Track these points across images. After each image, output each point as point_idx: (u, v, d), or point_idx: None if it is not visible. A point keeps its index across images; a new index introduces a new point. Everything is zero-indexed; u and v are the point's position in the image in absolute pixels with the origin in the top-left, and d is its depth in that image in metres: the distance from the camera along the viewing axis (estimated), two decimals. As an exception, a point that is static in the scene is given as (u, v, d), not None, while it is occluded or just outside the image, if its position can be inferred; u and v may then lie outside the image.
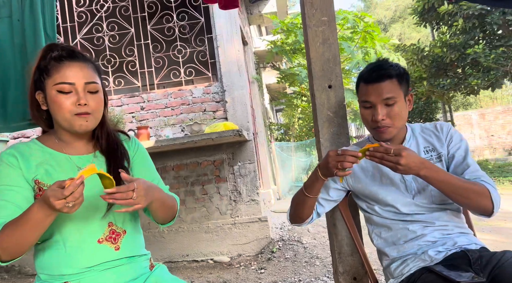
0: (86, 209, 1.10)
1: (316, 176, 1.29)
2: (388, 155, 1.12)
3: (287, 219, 1.50)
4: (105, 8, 4.07)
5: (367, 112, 1.30)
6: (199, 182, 4.03)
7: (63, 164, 1.14)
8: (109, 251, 1.13)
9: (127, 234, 1.17)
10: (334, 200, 1.43)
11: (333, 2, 1.63)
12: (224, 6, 1.79)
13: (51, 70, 1.08)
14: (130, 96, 4.14)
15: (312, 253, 3.49)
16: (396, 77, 1.27)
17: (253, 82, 6.18)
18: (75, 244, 1.10)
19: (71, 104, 1.07)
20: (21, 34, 1.63)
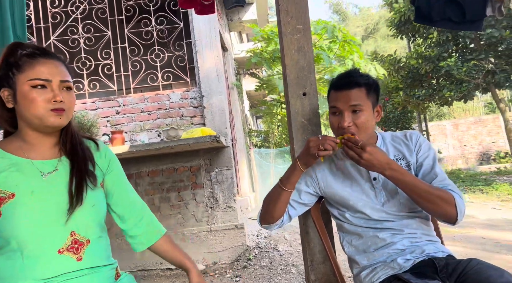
0: (46, 216, 1.04)
1: (294, 166, 1.33)
2: (355, 147, 1.19)
3: (257, 222, 1.49)
4: (81, 10, 3.98)
5: (335, 118, 1.34)
6: (175, 188, 3.97)
7: (25, 169, 1.08)
8: (70, 261, 1.06)
9: (91, 244, 1.10)
10: (305, 203, 1.43)
11: (308, 10, 1.65)
12: (200, 11, 1.78)
13: (24, 65, 1.05)
14: (105, 100, 4.06)
15: (288, 260, 3.48)
16: (365, 86, 1.31)
17: (233, 89, 6.17)
18: (33, 254, 1.02)
19: (46, 100, 1.05)
20: None
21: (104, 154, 1.23)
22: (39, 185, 1.06)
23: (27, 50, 1.08)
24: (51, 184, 1.08)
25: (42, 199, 1.05)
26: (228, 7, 1.74)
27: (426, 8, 1.67)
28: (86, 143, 1.22)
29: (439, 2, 1.63)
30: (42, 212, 1.04)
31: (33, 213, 1.03)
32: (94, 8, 4.03)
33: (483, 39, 8.91)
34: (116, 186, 1.23)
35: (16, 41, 1.59)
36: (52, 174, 1.10)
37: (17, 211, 1.02)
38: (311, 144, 1.26)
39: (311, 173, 1.42)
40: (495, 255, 3.47)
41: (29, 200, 1.03)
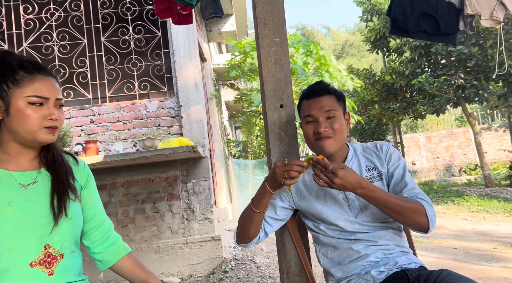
0: (22, 227, 1.03)
1: (264, 189, 1.30)
2: (326, 172, 1.17)
3: (233, 240, 1.47)
4: (56, 17, 3.90)
5: (309, 127, 1.36)
6: (150, 199, 3.89)
7: (3, 180, 1.07)
8: (41, 276, 1.04)
9: (64, 258, 1.08)
10: (281, 219, 1.43)
11: (285, 24, 1.67)
12: (177, 21, 1.78)
13: (22, 81, 1.05)
14: (80, 109, 3.96)
15: (264, 272, 3.45)
16: (334, 94, 1.37)
17: (211, 99, 6.16)
18: (4, 267, 1.00)
19: (41, 117, 1.06)
20: None
21: (83, 169, 1.25)
22: (18, 196, 1.06)
23: (26, 63, 1.08)
24: (30, 196, 1.08)
25: (20, 210, 1.04)
26: (206, 17, 1.75)
27: (402, 20, 1.73)
28: (65, 158, 1.22)
29: (414, 14, 1.69)
30: (19, 223, 1.03)
31: (9, 223, 1.02)
32: (69, 15, 3.95)
33: (453, 56, 9.29)
34: (89, 202, 1.23)
35: None
36: (31, 186, 1.09)
37: None
38: (277, 170, 1.22)
39: (285, 187, 1.42)
40: (466, 265, 3.56)
41: (6, 211, 1.03)
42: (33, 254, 1.03)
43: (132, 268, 1.25)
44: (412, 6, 1.69)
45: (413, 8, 1.69)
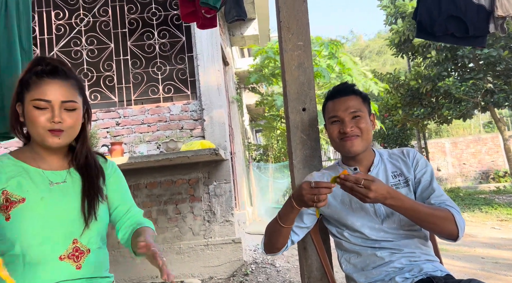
0: (52, 222, 1.08)
1: (291, 206, 1.25)
2: (358, 187, 1.12)
3: (261, 250, 1.47)
4: (85, 22, 4.04)
5: (335, 126, 1.34)
6: (172, 201, 3.94)
7: (35, 178, 1.13)
8: (70, 269, 1.09)
9: (91, 253, 1.13)
10: (307, 226, 1.42)
11: (309, 27, 1.67)
12: (202, 25, 1.81)
13: (31, 85, 1.10)
14: (106, 111, 4.07)
15: (285, 277, 3.43)
16: (360, 95, 1.36)
17: (233, 102, 6.20)
18: (35, 259, 1.06)
19: (45, 120, 1.08)
20: None
21: (111, 166, 1.29)
22: (48, 193, 1.11)
23: (39, 67, 1.12)
24: (59, 194, 1.12)
25: (50, 206, 1.09)
26: (229, 20, 1.77)
27: (428, 23, 1.68)
28: (96, 158, 1.26)
29: (441, 18, 1.65)
30: (49, 218, 1.08)
31: (41, 218, 1.07)
32: (98, 20, 4.08)
33: (481, 59, 9.01)
34: (116, 191, 1.26)
35: (23, 55, 1.61)
36: (60, 184, 1.14)
37: (26, 215, 1.07)
38: (304, 192, 1.17)
39: None
40: (495, 275, 3.43)
41: (38, 206, 1.08)
42: (62, 248, 1.08)
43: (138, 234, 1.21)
44: (439, 8, 1.65)
45: (440, 10, 1.65)
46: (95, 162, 1.21)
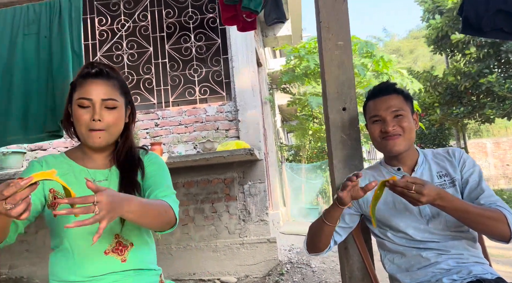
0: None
1: (334, 204, 1.28)
2: (409, 192, 1.10)
3: (304, 249, 1.48)
4: (126, 27, 4.21)
5: (376, 126, 1.33)
6: (208, 199, 4.03)
7: (80, 176, 1.18)
8: (115, 262, 1.14)
9: (134, 247, 1.18)
10: (350, 226, 1.42)
11: (349, 27, 1.67)
12: (242, 28, 1.85)
13: (77, 86, 1.17)
14: (146, 113, 4.22)
15: (321, 277, 3.42)
16: (402, 93, 1.34)
17: (266, 103, 6.24)
18: (83, 254, 1.12)
19: (88, 119, 1.13)
20: (47, 50, 1.71)
21: (150, 155, 1.30)
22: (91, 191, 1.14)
23: (85, 70, 1.18)
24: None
25: None
26: (269, 23, 1.80)
27: (474, 19, 1.62)
28: (138, 153, 1.29)
29: (489, 12, 1.58)
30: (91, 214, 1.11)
31: (84, 216, 1.10)
32: (137, 25, 4.24)
33: (527, 54, 8.53)
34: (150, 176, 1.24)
35: (75, 58, 1.72)
36: (101, 182, 1.19)
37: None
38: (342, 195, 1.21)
39: None
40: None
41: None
42: (105, 243, 1.14)
43: None
44: (486, 3, 1.59)
45: (488, 5, 1.58)
46: (134, 158, 1.24)
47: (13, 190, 0.83)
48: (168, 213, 1.12)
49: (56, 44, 1.70)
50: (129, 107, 1.26)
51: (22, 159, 3.77)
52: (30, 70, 1.81)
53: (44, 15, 1.69)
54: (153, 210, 1.07)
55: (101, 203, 0.87)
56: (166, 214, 1.11)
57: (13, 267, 3.98)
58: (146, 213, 1.04)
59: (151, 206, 1.07)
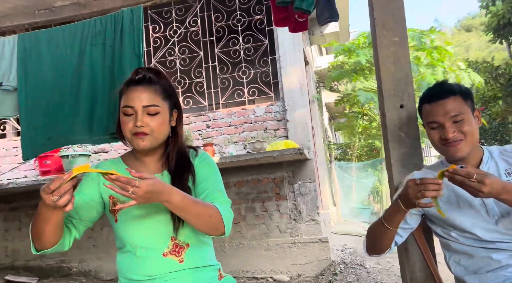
0: (151, 224, 1.19)
1: (397, 207, 1.23)
2: (470, 181, 1.06)
3: (364, 251, 1.45)
4: (178, 34, 4.39)
5: (435, 132, 1.28)
6: (259, 199, 4.09)
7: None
8: (173, 263, 1.19)
9: (190, 247, 1.21)
10: (411, 227, 1.38)
11: (405, 22, 1.63)
12: (294, 29, 1.87)
13: (123, 93, 1.21)
14: (197, 115, 4.38)
15: (376, 278, 3.34)
16: (460, 93, 1.26)
17: (313, 102, 6.18)
18: (143, 256, 1.19)
19: (131, 125, 1.17)
20: (111, 58, 1.85)
21: (201, 156, 1.30)
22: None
23: (131, 76, 1.22)
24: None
25: (147, 209, 1.19)
26: (322, 23, 1.80)
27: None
28: (188, 154, 1.30)
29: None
30: (147, 220, 1.19)
31: (141, 220, 1.19)
32: (188, 31, 4.41)
33: None
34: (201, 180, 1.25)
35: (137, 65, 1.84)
36: None
37: (128, 218, 1.19)
38: (409, 190, 1.15)
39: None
40: None
41: (137, 209, 1.18)
42: (163, 246, 1.19)
43: None
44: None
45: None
46: (185, 163, 1.24)
47: (58, 184, 0.95)
48: (214, 217, 1.13)
49: (119, 52, 1.84)
50: (175, 111, 1.27)
51: (87, 161, 4.08)
52: (96, 77, 1.97)
53: (109, 27, 1.83)
54: (196, 209, 1.10)
55: (140, 189, 0.98)
56: (211, 218, 1.12)
57: (82, 261, 4.32)
58: (186, 209, 1.08)
59: (194, 205, 1.10)
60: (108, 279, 4.15)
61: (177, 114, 1.27)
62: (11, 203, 4.56)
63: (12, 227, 4.55)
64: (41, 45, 2.05)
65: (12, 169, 4.41)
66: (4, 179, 4.31)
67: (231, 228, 1.19)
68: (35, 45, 2.02)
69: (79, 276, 4.19)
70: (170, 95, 1.24)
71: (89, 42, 1.98)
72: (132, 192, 0.98)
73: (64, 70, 2.03)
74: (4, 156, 4.61)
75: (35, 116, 2.10)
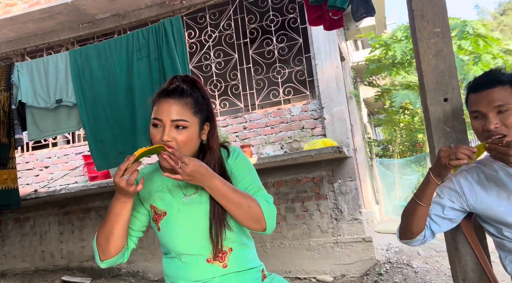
0: (192, 231, 1.20)
1: (428, 179, 1.24)
2: (500, 146, 1.07)
3: (396, 237, 1.43)
4: (212, 38, 4.47)
5: (478, 122, 1.23)
6: (298, 198, 4.06)
7: (173, 191, 1.24)
8: (217, 269, 1.19)
9: (233, 251, 1.21)
10: (449, 218, 1.32)
11: (447, 12, 1.56)
12: (329, 27, 1.84)
13: (154, 104, 1.20)
14: (234, 117, 4.43)
15: (424, 278, 3.21)
16: (509, 83, 1.19)
17: (351, 98, 6.06)
18: (188, 261, 1.20)
19: (158, 138, 1.15)
20: (158, 71, 1.91)
21: (233, 155, 1.29)
22: (183, 205, 1.22)
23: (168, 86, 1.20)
24: (191, 205, 1.22)
25: (187, 218, 1.20)
26: (357, 19, 1.76)
27: None
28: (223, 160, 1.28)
29: None
30: (188, 228, 1.20)
31: (182, 228, 1.20)
32: (223, 34, 4.48)
33: None
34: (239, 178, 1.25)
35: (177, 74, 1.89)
36: (192, 196, 1.23)
37: (170, 227, 1.21)
38: (441, 154, 1.16)
39: (456, 187, 1.30)
40: None
41: (177, 218, 1.20)
42: (207, 253, 1.19)
43: None
44: None
45: None
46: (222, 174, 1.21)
47: (127, 164, 1.07)
48: (253, 208, 1.14)
49: (167, 65, 1.90)
50: (208, 124, 1.23)
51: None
52: (146, 91, 2.05)
53: (152, 39, 1.90)
54: (236, 197, 1.13)
55: (188, 167, 1.08)
56: (250, 208, 1.14)
57: (131, 262, 4.51)
58: (227, 195, 1.13)
59: (234, 193, 1.14)
60: (155, 279, 4.31)
61: (209, 127, 1.24)
62: (64, 208, 4.86)
63: (66, 230, 4.85)
64: (91, 61, 2.16)
65: (64, 176, 4.71)
66: (57, 185, 4.60)
67: (274, 225, 1.19)
68: (85, 60, 2.14)
69: (128, 277, 4.38)
70: (202, 108, 1.20)
71: (135, 56, 2.05)
72: (180, 167, 1.08)
73: (116, 85, 2.13)
74: (56, 163, 4.92)
75: (98, 129, 2.24)
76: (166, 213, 1.21)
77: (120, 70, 1.99)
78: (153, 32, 1.89)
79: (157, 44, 1.89)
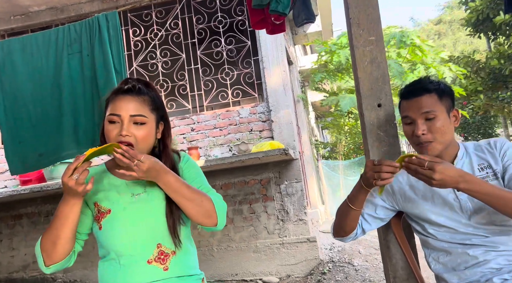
0: (137, 231, 1.17)
1: (359, 186, 1.28)
2: (422, 169, 1.09)
3: (330, 233, 1.48)
4: (159, 36, 4.34)
5: (408, 127, 1.31)
6: (246, 201, 4.07)
7: (120, 189, 1.22)
8: (158, 271, 1.17)
9: (176, 255, 1.20)
10: (380, 218, 1.40)
11: (380, 21, 1.63)
12: (271, 31, 1.86)
13: (109, 102, 1.20)
14: (181, 118, 4.34)
15: (364, 276, 3.36)
16: (436, 92, 1.28)
17: (299, 101, 6.20)
18: (127, 263, 1.16)
19: (116, 134, 1.14)
20: (91, 67, 1.80)
21: (184, 161, 1.30)
22: (130, 204, 1.19)
23: (119, 86, 1.21)
24: (140, 204, 1.19)
25: (132, 216, 1.17)
26: (298, 24, 1.79)
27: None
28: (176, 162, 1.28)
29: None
30: (132, 227, 1.17)
31: (126, 227, 1.17)
32: (169, 33, 4.37)
33: None
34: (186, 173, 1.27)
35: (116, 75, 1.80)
36: (140, 195, 1.21)
37: (113, 225, 1.17)
38: (368, 173, 1.19)
39: (387, 186, 1.38)
40: None
41: (122, 216, 1.17)
42: (148, 253, 1.16)
43: None
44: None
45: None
46: (171, 167, 1.21)
47: (76, 164, 1.05)
48: (206, 204, 1.15)
49: (99, 62, 1.80)
50: (162, 123, 1.25)
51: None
52: (76, 87, 1.92)
53: (84, 34, 1.79)
54: (189, 192, 1.14)
55: (143, 164, 1.07)
56: (203, 203, 1.15)
57: (68, 271, 4.24)
58: (180, 190, 1.14)
59: (188, 189, 1.15)
60: (95, 288, 4.09)
61: (163, 127, 1.25)
62: (-8, 214, 4.46)
63: (-6, 239, 4.45)
64: (14, 55, 1.99)
65: (-7, 179, 4.31)
66: (-16, 189, 4.21)
67: (225, 221, 1.21)
68: (7, 54, 1.96)
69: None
70: (158, 107, 1.22)
71: (66, 51, 1.93)
72: (135, 165, 1.06)
73: (42, 82, 1.97)
74: (-16, 166, 4.50)
75: (18, 130, 2.04)
76: (111, 211, 1.18)
77: (48, 65, 1.86)
78: (87, 27, 1.78)
79: (90, 39, 1.79)
